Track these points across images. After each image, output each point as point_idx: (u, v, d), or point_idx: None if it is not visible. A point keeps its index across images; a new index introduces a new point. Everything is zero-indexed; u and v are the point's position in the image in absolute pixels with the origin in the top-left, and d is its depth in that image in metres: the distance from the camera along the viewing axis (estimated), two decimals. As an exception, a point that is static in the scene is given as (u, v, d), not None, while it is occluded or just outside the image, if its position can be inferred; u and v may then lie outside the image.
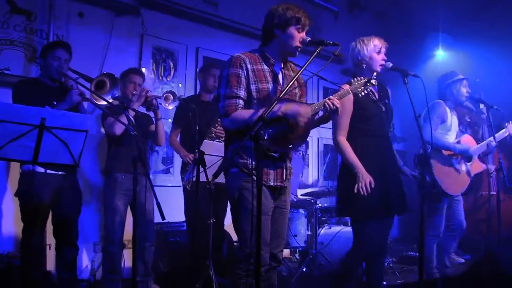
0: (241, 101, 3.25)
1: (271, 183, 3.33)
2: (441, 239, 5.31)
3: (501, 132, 5.50)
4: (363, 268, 5.44)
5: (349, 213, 4.20)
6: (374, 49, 4.05)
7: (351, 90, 3.50)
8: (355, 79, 3.58)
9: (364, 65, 4.06)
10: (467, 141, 5.47)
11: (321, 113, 3.46)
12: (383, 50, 4.07)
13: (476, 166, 5.45)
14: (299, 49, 3.36)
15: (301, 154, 7.18)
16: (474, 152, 5.38)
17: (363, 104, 3.98)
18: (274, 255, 3.41)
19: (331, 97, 3.34)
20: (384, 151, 4.05)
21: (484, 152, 5.53)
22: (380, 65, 4.03)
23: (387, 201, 3.92)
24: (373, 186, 3.81)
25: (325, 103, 3.31)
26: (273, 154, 3.27)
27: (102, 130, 5.14)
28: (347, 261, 4.17)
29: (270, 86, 3.31)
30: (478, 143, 5.52)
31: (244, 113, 3.20)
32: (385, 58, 4.07)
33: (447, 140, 5.24)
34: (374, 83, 3.61)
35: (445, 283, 2.29)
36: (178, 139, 5.70)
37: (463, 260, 7.24)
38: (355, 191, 3.81)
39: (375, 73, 3.81)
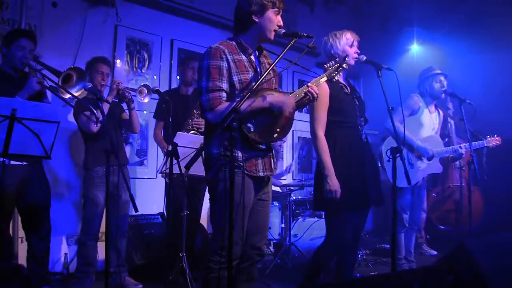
0: (224, 94, 3.19)
1: (261, 174, 3.30)
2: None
3: (478, 142, 5.58)
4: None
5: (324, 208, 4.20)
6: (347, 42, 4.09)
7: (326, 76, 3.55)
8: (328, 64, 3.63)
9: (337, 59, 4.08)
10: (434, 141, 5.52)
11: None
12: (356, 43, 4.11)
13: (434, 167, 5.51)
14: (276, 33, 3.34)
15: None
16: (438, 154, 5.44)
17: (338, 97, 4.03)
18: (259, 248, 3.41)
19: (309, 84, 3.36)
20: (361, 143, 4.08)
21: (452, 157, 5.61)
22: (354, 58, 4.07)
23: (365, 193, 3.96)
24: (338, 196, 3.85)
25: (307, 90, 3.33)
26: (261, 146, 3.27)
27: (70, 118, 5.08)
28: (319, 255, 4.20)
29: (251, 76, 3.28)
30: (445, 139, 5.60)
31: (229, 106, 3.11)
32: (358, 51, 4.11)
33: (409, 133, 5.27)
34: (345, 67, 3.67)
35: (421, 274, 2.32)
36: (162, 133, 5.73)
37: (435, 252, 7.32)
38: (325, 195, 3.88)
39: (346, 58, 3.83)
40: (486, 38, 8.22)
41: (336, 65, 3.60)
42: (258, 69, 3.39)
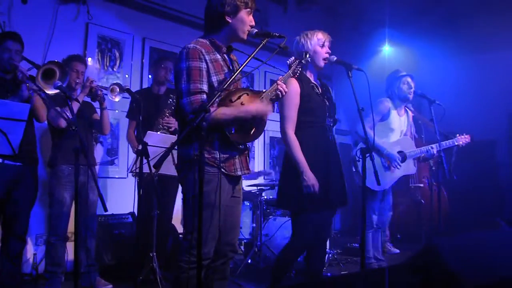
0: (205, 96, 3.14)
1: (239, 173, 3.32)
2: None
3: (448, 141, 5.64)
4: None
5: (288, 206, 4.24)
6: (318, 42, 4.10)
7: (290, 72, 3.64)
8: (290, 60, 3.72)
9: (308, 59, 4.12)
10: (406, 143, 5.58)
11: None
12: (327, 43, 4.13)
13: (408, 168, 5.57)
14: (248, 33, 3.34)
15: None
16: (411, 155, 5.51)
17: (309, 97, 4.03)
18: (233, 245, 3.43)
19: (279, 82, 3.40)
20: (327, 143, 4.09)
21: (424, 157, 5.67)
22: (324, 59, 4.10)
23: (328, 194, 3.97)
24: (317, 189, 3.86)
25: (277, 89, 3.37)
26: (240, 146, 3.30)
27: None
28: (285, 254, 4.21)
29: (227, 75, 3.26)
30: (418, 143, 5.66)
31: (221, 110, 3.13)
32: (329, 51, 4.13)
33: (378, 139, 5.32)
34: (304, 62, 3.80)
35: (391, 273, 2.33)
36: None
37: (398, 251, 7.41)
38: (304, 190, 3.86)
39: (306, 54, 3.90)
40: (458, 40, 8.35)
41: (297, 61, 3.67)
42: (231, 68, 3.39)
